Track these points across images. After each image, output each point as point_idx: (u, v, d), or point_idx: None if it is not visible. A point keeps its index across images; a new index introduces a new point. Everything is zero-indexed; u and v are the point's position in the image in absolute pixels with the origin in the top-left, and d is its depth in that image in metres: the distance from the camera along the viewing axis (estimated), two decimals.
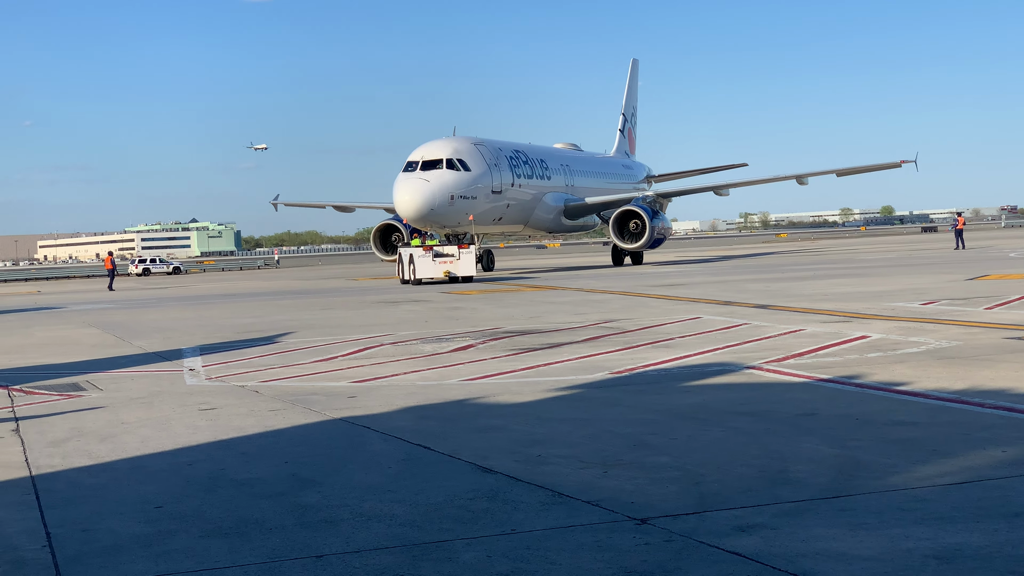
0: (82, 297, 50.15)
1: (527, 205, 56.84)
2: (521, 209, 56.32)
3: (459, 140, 52.88)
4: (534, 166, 57.73)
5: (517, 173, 55.17)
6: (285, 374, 15.91)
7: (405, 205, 49.22)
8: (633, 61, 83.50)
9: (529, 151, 58.61)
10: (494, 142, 55.36)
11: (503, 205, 53.98)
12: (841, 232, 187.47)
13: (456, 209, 50.01)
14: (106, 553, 6.91)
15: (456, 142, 52.33)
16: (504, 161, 54.25)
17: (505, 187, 53.63)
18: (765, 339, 17.44)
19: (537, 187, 57.57)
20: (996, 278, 30.91)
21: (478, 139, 54.03)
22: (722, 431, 10.09)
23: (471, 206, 50.83)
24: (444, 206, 49.41)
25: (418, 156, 50.66)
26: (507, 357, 16.68)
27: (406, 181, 49.67)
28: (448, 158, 50.31)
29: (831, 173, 63.99)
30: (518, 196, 55.25)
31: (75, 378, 16.39)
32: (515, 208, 55.47)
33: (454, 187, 49.78)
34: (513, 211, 55.46)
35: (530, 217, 57.95)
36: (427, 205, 48.99)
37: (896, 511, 7.03)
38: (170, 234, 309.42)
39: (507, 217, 55.47)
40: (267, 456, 9.89)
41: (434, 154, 50.58)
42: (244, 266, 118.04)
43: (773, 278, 37.54)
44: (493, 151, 53.77)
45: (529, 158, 57.64)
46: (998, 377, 12.37)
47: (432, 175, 49.55)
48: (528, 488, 8.11)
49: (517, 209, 55.79)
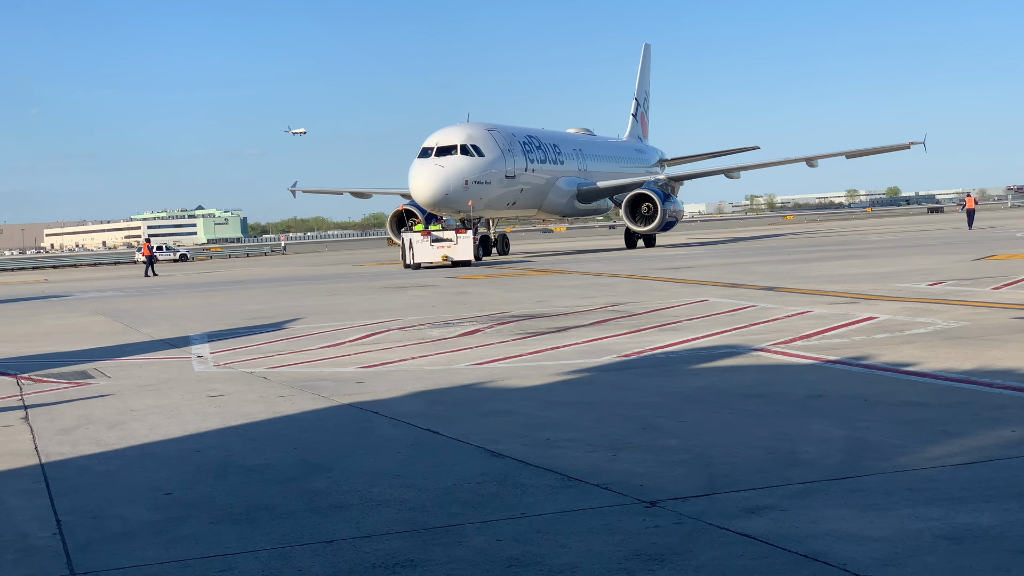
0: (89, 285, 50.22)
1: (541, 189, 57.47)
2: (535, 193, 56.99)
3: (473, 126, 53.51)
4: (547, 151, 58.27)
5: (530, 158, 55.78)
6: (293, 360, 15.91)
7: (420, 190, 50.11)
8: (645, 46, 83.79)
9: (542, 136, 59.19)
10: (507, 128, 55.93)
11: (516, 190, 54.69)
12: (847, 213, 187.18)
13: (470, 194, 50.84)
14: (116, 540, 6.92)
15: (470, 128, 53.02)
16: (517, 146, 54.86)
17: (519, 172, 54.30)
18: (772, 321, 17.41)
19: (550, 172, 58.15)
20: (1003, 258, 30.84)
21: (492, 125, 54.63)
22: (731, 413, 10.08)
23: (485, 191, 51.71)
24: (459, 191, 50.24)
25: (433, 142, 51.42)
26: (515, 341, 16.67)
27: (421, 167, 50.50)
28: (462, 144, 51.05)
29: (841, 155, 64.65)
30: (531, 181, 55.95)
31: (83, 366, 16.41)
32: (529, 192, 56.14)
33: (468, 172, 50.61)
34: (527, 195, 56.16)
35: (543, 201, 58.57)
36: (442, 190, 49.86)
37: (906, 492, 7.01)
38: (176, 221, 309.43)
39: (521, 201, 56.15)
40: (276, 442, 9.89)
41: (448, 140, 51.32)
42: (251, 253, 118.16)
43: (780, 260, 37.50)
44: (506, 136, 54.40)
45: (542, 143, 58.19)
46: (1006, 357, 12.34)
47: (447, 161, 50.34)
48: (537, 472, 8.11)
49: (531, 193, 56.46)
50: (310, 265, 63.97)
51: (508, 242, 63.93)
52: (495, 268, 44.16)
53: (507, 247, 62.43)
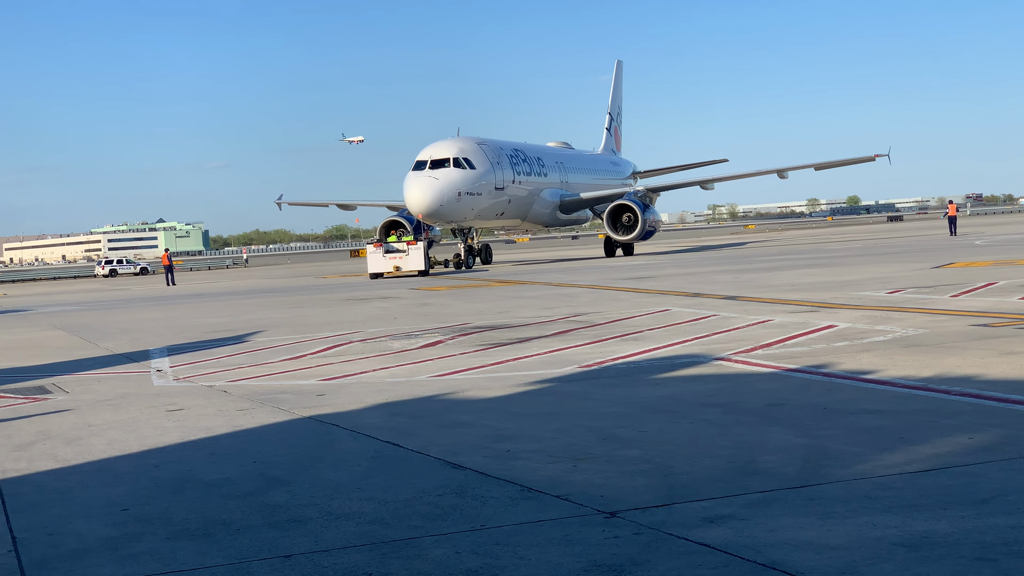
0: (48, 299, 49.78)
1: (526, 200, 59.91)
2: (520, 204, 59.45)
3: (464, 140, 56.15)
4: (532, 164, 60.83)
5: (517, 171, 58.33)
6: (254, 373, 15.82)
7: (416, 201, 52.58)
8: (618, 63, 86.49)
9: (527, 149, 61.86)
10: (496, 142, 58.46)
11: (504, 201, 57.13)
12: (809, 222, 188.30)
13: (463, 205, 53.68)
14: (72, 557, 6.84)
15: (461, 142, 55.61)
16: (505, 159, 57.43)
17: (507, 184, 56.84)
18: (734, 330, 17.48)
19: (535, 183, 60.73)
20: (962, 266, 31.10)
21: (481, 139, 57.26)
22: (691, 423, 10.10)
23: (476, 202, 54.45)
24: (452, 202, 52.96)
25: (427, 155, 53.96)
26: (476, 352, 16.65)
27: (416, 179, 52.97)
28: (455, 157, 53.66)
29: (810, 167, 67.61)
30: (518, 192, 58.49)
31: (41, 381, 16.26)
32: (515, 203, 58.67)
33: (461, 184, 53.26)
34: (514, 206, 58.68)
35: (528, 212, 61.02)
36: (437, 201, 52.49)
37: (864, 499, 7.04)
38: (137, 235, 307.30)
39: (508, 212, 58.62)
40: (235, 456, 9.82)
41: (442, 153, 53.89)
42: (212, 265, 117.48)
43: (742, 269, 37.66)
44: (495, 150, 57.04)
45: (527, 156, 60.80)
46: (964, 364, 12.43)
47: (441, 173, 52.90)
48: (497, 483, 8.09)
49: (517, 204, 58.96)
50: (272, 278, 63.71)
51: (491, 252, 65.74)
52: (457, 280, 44.17)
53: (490, 256, 64.02)
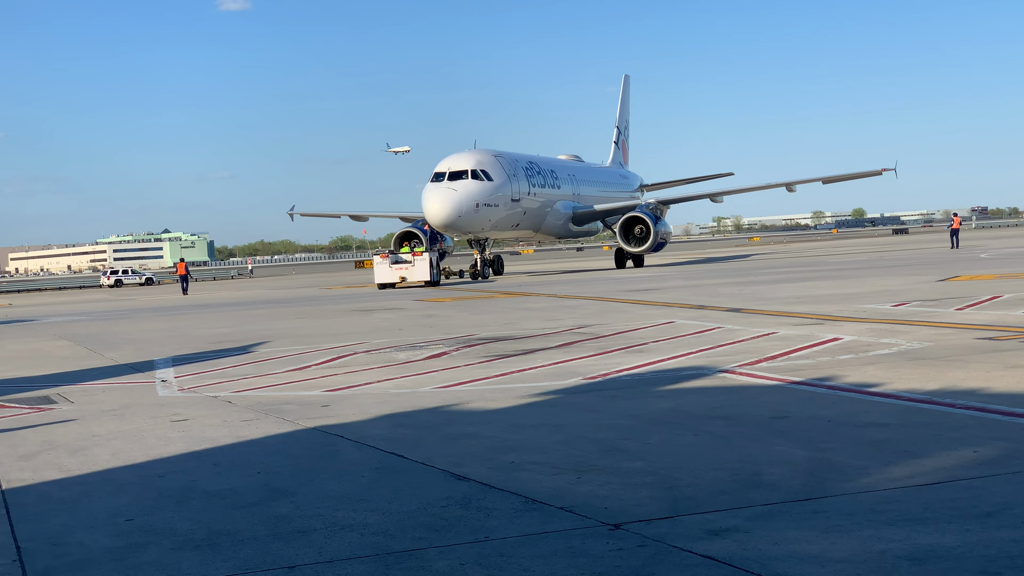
0: (54, 309, 49.83)
1: (540, 212, 60.77)
2: (535, 216, 60.28)
3: (481, 152, 56.94)
4: (546, 176, 61.71)
5: (532, 183, 59.22)
6: (258, 384, 15.83)
7: (435, 212, 53.46)
8: (625, 77, 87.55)
9: (541, 162, 62.69)
10: (511, 154, 59.34)
11: (520, 212, 58.04)
12: (814, 235, 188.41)
13: (480, 216, 54.58)
14: (76, 567, 6.85)
15: (479, 154, 56.43)
16: (521, 172, 58.31)
17: (522, 195, 57.72)
18: (738, 342, 17.47)
19: (549, 195, 61.57)
20: (967, 279, 31.07)
21: (498, 151, 58.18)
22: (695, 435, 10.09)
23: (493, 213, 55.35)
24: (470, 213, 53.88)
25: (445, 167, 54.82)
26: (481, 364, 16.65)
27: (435, 190, 53.79)
28: (473, 169, 54.54)
29: (818, 181, 68.41)
30: (533, 204, 59.36)
31: (46, 391, 16.27)
32: (530, 215, 59.56)
33: (479, 196, 54.14)
34: (529, 218, 59.56)
35: (543, 223, 61.85)
36: (455, 212, 53.40)
37: (868, 513, 7.04)
38: (142, 245, 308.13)
39: (523, 223, 59.55)
40: (239, 467, 9.83)
41: (460, 165, 54.73)
42: (217, 276, 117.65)
43: (746, 281, 37.65)
44: (511, 162, 57.91)
45: (541, 168, 61.68)
46: (969, 377, 12.42)
47: (459, 185, 53.80)
48: (501, 495, 8.08)
49: (532, 216, 59.83)
50: (277, 288, 63.75)
51: (503, 263, 66.51)
52: (463, 291, 44.15)
53: (501, 268, 64.72)
